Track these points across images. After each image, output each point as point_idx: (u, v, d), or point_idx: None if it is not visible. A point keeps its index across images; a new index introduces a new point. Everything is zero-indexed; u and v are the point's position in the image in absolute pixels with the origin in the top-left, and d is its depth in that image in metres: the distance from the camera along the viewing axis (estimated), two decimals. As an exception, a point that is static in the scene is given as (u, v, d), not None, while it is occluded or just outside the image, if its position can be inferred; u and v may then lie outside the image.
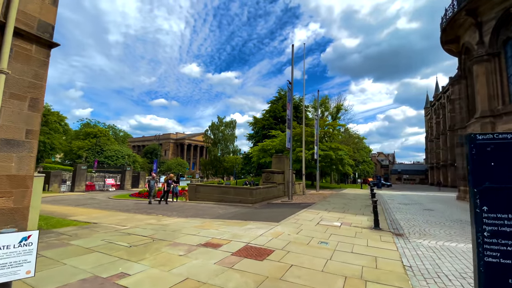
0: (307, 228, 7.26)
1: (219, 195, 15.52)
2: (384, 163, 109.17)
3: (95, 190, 31.32)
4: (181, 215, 10.43)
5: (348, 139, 49.81)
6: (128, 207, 13.00)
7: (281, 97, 55.63)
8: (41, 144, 48.49)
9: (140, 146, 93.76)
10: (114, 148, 56.10)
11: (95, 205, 13.95)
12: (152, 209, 12.06)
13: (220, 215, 10.15)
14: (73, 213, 10.38)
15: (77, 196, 21.32)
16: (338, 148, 33.13)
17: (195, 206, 13.28)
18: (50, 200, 16.37)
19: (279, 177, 19.18)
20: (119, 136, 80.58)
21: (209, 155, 60.13)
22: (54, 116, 56.13)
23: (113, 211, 11.26)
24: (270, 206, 13.52)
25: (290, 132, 16.72)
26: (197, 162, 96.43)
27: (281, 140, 39.17)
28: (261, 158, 38.52)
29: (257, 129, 54.65)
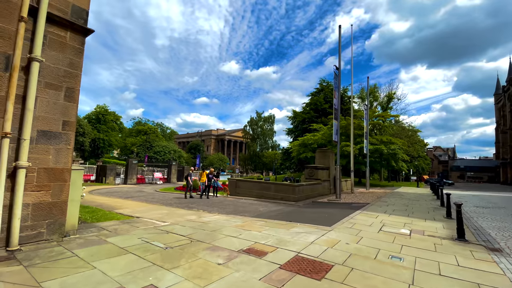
0: (368, 236, 6.00)
1: (259, 191, 14.81)
2: (442, 159, 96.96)
3: (145, 183, 33.57)
4: (221, 211, 9.94)
5: (401, 132, 44.85)
6: (171, 201, 13.09)
7: (323, 89, 52.72)
8: (101, 141, 54.18)
9: (185, 142, 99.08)
10: (162, 144, 59.86)
11: (141, 198, 14.44)
12: (193, 204, 11.88)
13: (261, 213, 9.37)
14: (120, 205, 10.67)
15: (128, 188, 22.83)
16: (391, 142, 29.81)
17: (235, 202, 12.77)
18: (104, 192, 17.61)
19: (324, 173, 17.70)
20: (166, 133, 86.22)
21: (248, 151, 60.39)
22: (111, 116, 62.02)
23: (157, 205, 11.33)
24: (316, 205, 12.31)
25: (337, 124, 15.11)
26: (237, 157, 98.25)
27: (323, 134, 36.98)
28: (302, 153, 36.90)
29: (297, 123, 52.80)
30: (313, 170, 17.05)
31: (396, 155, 29.34)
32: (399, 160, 30.49)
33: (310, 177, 17.03)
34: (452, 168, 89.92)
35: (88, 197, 13.64)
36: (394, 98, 42.71)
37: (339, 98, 14.99)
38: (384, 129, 35.11)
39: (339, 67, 14.86)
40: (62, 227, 4.78)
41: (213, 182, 14.86)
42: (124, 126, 74.16)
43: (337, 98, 15.01)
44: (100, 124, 56.15)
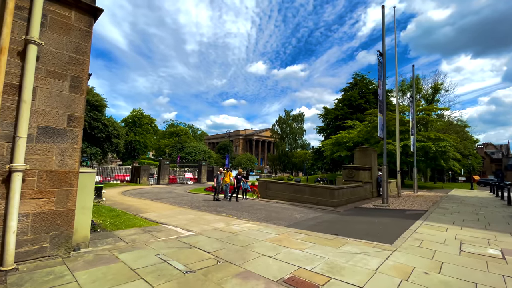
0: (449, 260, 4.46)
1: (292, 193, 13.52)
2: (495, 157, 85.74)
3: (177, 183, 34.10)
4: (252, 217, 8.89)
5: (448, 127, 40.03)
6: (200, 203, 12.41)
7: (357, 83, 49.35)
8: (137, 142, 56.90)
9: (214, 143, 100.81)
10: (193, 145, 61.15)
11: (170, 199, 14.03)
12: (222, 207, 11.02)
13: (299, 222, 8.11)
14: (147, 208, 10.19)
15: (160, 188, 23.01)
16: (439, 138, 26.38)
17: (266, 206, 11.66)
18: (136, 193, 17.68)
19: (366, 174, 15.81)
20: (197, 134, 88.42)
21: (277, 150, 59.03)
22: (146, 119, 64.88)
23: (184, 208, 10.66)
24: (361, 212, 10.69)
25: (382, 118, 13.19)
26: (265, 157, 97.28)
27: (359, 131, 34.26)
28: (335, 153, 34.59)
29: (329, 121, 50.11)
30: (353, 171, 15.27)
31: (446, 153, 25.86)
32: (450, 159, 26.88)
33: (349, 179, 15.28)
34: (507, 167, 79.02)
35: (119, 199, 13.54)
36: (440, 90, 38.24)
37: (384, 88, 13.05)
38: (430, 124, 31.39)
39: (383, 53, 12.94)
40: (68, 240, 4.06)
41: (242, 184, 13.94)
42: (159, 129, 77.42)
43: (383, 89, 13.09)
44: (136, 127, 58.98)
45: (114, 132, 22.74)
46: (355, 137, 33.35)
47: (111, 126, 22.54)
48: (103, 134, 21.73)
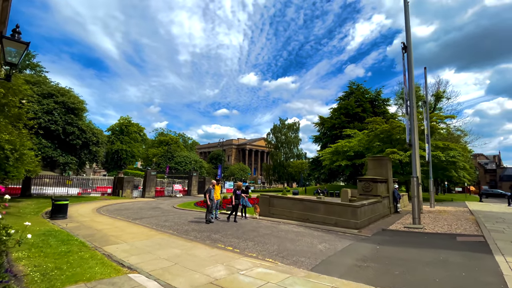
0: None
1: (302, 212, 11.20)
2: (488, 167, 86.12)
3: (164, 195, 31.11)
4: (261, 250, 6.52)
5: (448, 136, 38.95)
6: (189, 225, 9.89)
7: (353, 92, 48.28)
8: (123, 152, 53.64)
9: (206, 152, 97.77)
10: (183, 154, 58.26)
11: (152, 219, 11.42)
12: (218, 233, 8.56)
13: (329, 261, 5.79)
14: (118, 235, 7.62)
15: (144, 203, 20.19)
16: (448, 147, 24.83)
17: (274, 230, 9.26)
18: (114, 210, 14.92)
19: (383, 187, 13.71)
20: (188, 143, 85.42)
21: (272, 160, 56.76)
22: (134, 127, 61.74)
23: (168, 235, 8.15)
24: (398, 238, 8.45)
25: (411, 121, 11.15)
26: (258, 167, 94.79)
27: (359, 140, 32.52)
28: (335, 162, 32.63)
29: (325, 130, 48.52)
30: (370, 183, 13.13)
31: (455, 163, 24.28)
32: (459, 169, 25.31)
33: (366, 193, 13.12)
34: (502, 178, 79.34)
35: (89, 219, 10.86)
36: (442, 98, 37.24)
37: (411, 86, 11.07)
38: (438, 133, 29.98)
39: (407, 44, 11.06)
40: None
41: (242, 201, 11.50)
42: (148, 138, 74.14)
43: (409, 85, 11.12)
44: (123, 135, 55.80)
45: (93, 138, 19.98)
46: (355, 146, 31.61)
47: (90, 132, 19.79)
48: (79, 140, 18.94)
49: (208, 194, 10.61)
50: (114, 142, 54.51)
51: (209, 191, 10.71)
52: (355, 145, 31.46)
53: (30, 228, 8.31)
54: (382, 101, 47.77)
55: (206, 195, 10.63)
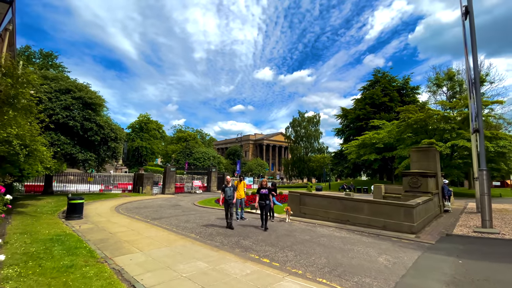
0: None
1: (341, 212, 9.66)
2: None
3: (184, 192, 30.61)
4: (306, 264, 5.14)
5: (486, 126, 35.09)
6: (213, 228, 8.70)
7: (378, 80, 45.16)
8: (143, 149, 54.27)
9: (223, 148, 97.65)
10: (202, 150, 58.04)
11: (172, 219, 10.40)
12: (247, 238, 7.28)
13: (406, 284, 4.28)
14: (133, 241, 6.56)
15: (163, 200, 19.50)
16: (497, 137, 21.94)
17: (313, 235, 7.83)
18: (132, 208, 14.19)
19: (432, 183, 11.79)
20: (206, 140, 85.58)
21: (291, 154, 54.86)
22: (153, 124, 62.37)
23: (190, 240, 6.98)
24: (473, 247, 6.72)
25: (477, 103, 9.11)
26: (276, 162, 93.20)
27: (389, 132, 30.05)
28: (362, 156, 30.41)
29: (348, 122, 45.87)
30: (418, 178, 11.26)
31: (505, 154, 21.40)
32: (508, 160, 22.35)
33: (413, 189, 11.29)
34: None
35: (105, 219, 10.01)
36: (485, 82, 33.48)
37: (475, 62, 9.01)
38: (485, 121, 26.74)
39: (470, 8, 8.97)
40: None
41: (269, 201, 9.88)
42: (166, 135, 74.93)
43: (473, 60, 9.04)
44: (143, 132, 56.45)
45: (111, 134, 19.46)
46: (385, 137, 29.17)
47: (108, 128, 19.27)
48: (98, 136, 18.46)
49: (224, 192, 8.66)
50: (134, 139, 55.30)
51: (224, 189, 8.68)
52: (385, 137, 29.04)
53: (40, 231, 7.49)
54: (411, 89, 44.29)
55: (221, 194, 8.80)
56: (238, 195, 9.87)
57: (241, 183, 10.24)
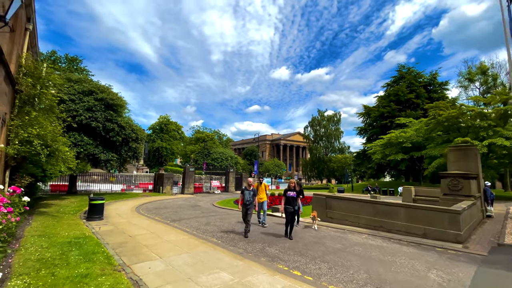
0: None
1: (374, 217, 8.79)
2: None
3: (203, 192, 30.63)
4: (345, 279, 4.45)
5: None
6: (235, 233, 8.19)
7: (403, 76, 42.75)
8: (163, 149, 55.43)
9: (240, 149, 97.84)
10: (219, 151, 58.38)
11: (192, 221, 10.03)
12: (273, 246, 6.68)
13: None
14: (152, 246, 6.19)
15: (183, 200, 19.40)
16: (545, 134, 19.71)
17: (346, 243, 7.08)
18: (153, 208, 14.08)
19: (474, 185, 10.55)
20: (223, 140, 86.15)
21: (311, 155, 53.46)
22: (173, 125, 63.60)
23: (212, 245, 6.51)
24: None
25: None
26: (294, 163, 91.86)
27: (417, 130, 28.18)
28: (388, 155, 28.69)
29: (371, 120, 43.84)
30: (459, 180, 10.08)
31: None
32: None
33: (453, 192, 10.13)
34: None
35: (125, 220, 9.84)
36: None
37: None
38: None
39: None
40: None
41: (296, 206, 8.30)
42: (185, 136, 76.27)
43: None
44: (163, 133, 57.71)
45: (132, 135, 19.68)
46: (413, 136, 27.33)
47: (129, 128, 19.50)
48: (119, 137, 18.72)
49: (243, 196, 7.71)
50: (155, 140, 56.64)
51: (244, 192, 7.74)
52: (413, 135, 27.22)
53: (59, 233, 7.35)
54: (439, 85, 41.52)
55: (240, 197, 7.81)
56: (259, 198, 8.91)
57: (262, 185, 9.23)
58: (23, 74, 8.27)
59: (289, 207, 7.37)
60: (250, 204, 7.60)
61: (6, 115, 7.55)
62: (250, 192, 7.68)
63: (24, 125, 8.01)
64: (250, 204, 7.61)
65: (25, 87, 8.22)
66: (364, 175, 45.28)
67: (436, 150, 24.23)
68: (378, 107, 41.86)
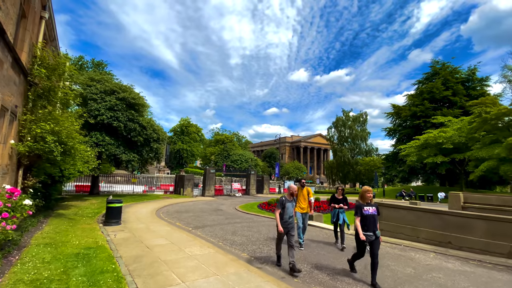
0: None
1: (438, 231, 7.11)
2: None
3: (223, 194, 29.71)
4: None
5: None
6: (267, 244, 6.90)
7: (437, 72, 39.35)
8: (184, 151, 55.71)
9: (259, 151, 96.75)
10: (239, 153, 57.71)
11: (217, 229, 8.88)
12: (323, 270, 5.30)
13: None
14: (172, 263, 5.07)
15: (204, 203, 18.47)
16: None
17: (417, 267, 5.52)
18: (174, 212, 13.18)
19: None
20: (242, 142, 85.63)
21: (335, 157, 50.89)
22: (193, 128, 63.99)
23: (244, 266, 5.26)
24: None
25: None
26: (315, 165, 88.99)
27: (459, 129, 25.35)
28: (426, 158, 26.00)
29: (401, 120, 40.77)
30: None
31: None
32: None
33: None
34: None
35: (144, 226, 8.91)
36: None
37: None
38: None
39: None
40: None
41: (341, 214, 7.05)
42: (205, 138, 76.69)
43: None
44: (184, 135, 58.17)
45: (153, 135, 19.16)
46: (454, 136, 24.54)
47: (150, 128, 18.99)
48: (141, 137, 18.23)
49: (283, 208, 5.13)
50: (176, 142, 57.11)
51: (283, 202, 5.14)
52: (454, 135, 24.45)
53: (69, 241, 6.40)
54: (478, 80, 37.80)
55: (277, 212, 5.11)
56: (299, 207, 6.71)
57: (303, 190, 6.81)
58: (38, 65, 7.61)
59: (369, 234, 4.50)
60: (291, 223, 5.12)
61: (18, 109, 6.87)
62: (293, 204, 5.33)
63: (37, 119, 7.32)
64: (292, 223, 5.16)
65: (39, 79, 7.55)
66: (393, 179, 42.11)
67: (483, 152, 21.47)
68: (410, 106, 38.85)
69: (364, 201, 4.71)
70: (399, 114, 40.40)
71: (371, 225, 4.52)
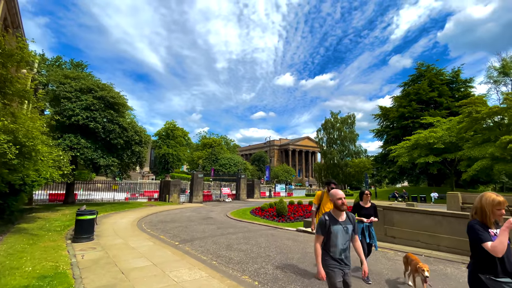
0: None
1: (462, 238, 6.29)
2: None
3: (212, 200, 28.30)
4: None
5: None
6: (269, 260, 5.80)
7: (422, 74, 40.02)
8: (170, 155, 53.56)
9: (247, 154, 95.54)
10: (227, 156, 56.35)
11: (209, 243, 7.68)
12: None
13: None
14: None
15: (192, 210, 17.09)
16: None
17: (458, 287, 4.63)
18: (157, 222, 11.78)
19: None
20: (230, 146, 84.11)
21: (324, 159, 50.62)
22: (179, 131, 61.91)
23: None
24: None
25: None
26: (303, 168, 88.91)
27: (449, 129, 25.46)
28: (417, 158, 25.87)
29: (389, 122, 41.09)
30: None
31: None
32: None
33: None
34: None
35: (122, 241, 7.56)
36: None
37: None
38: None
39: None
40: None
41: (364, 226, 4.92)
42: (192, 142, 74.65)
43: None
44: (169, 139, 56.04)
45: (135, 137, 17.60)
46: (445, 136, 24.58)
47: (132, 130, 17.44)
48: (121, 140, 16.65)
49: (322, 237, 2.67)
50: (161, 146, 54.84)
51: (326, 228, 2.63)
52: (444, 135, 24.47)
53: (20, 268, 4.77)
54: (462, 82, 38.72)
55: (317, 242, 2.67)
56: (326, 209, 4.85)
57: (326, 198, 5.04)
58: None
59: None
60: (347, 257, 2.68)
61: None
62: (349, 228, 2.71)
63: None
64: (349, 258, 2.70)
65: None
66: (382, 180, 42.23)
67: (475, 151, 21.49)
68: (397, 108, 39.18)
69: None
70: (386, 116, 40.66)
71: None
